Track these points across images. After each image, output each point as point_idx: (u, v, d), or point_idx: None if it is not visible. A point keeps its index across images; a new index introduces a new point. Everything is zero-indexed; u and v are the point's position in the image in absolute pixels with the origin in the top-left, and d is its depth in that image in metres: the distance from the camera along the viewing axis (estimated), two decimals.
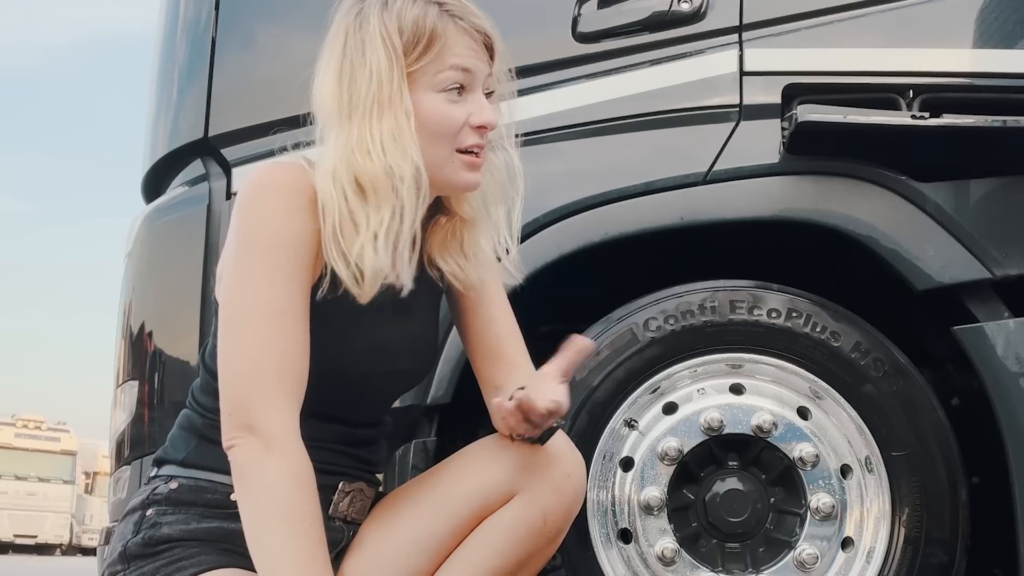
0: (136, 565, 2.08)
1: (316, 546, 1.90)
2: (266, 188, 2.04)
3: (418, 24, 2.07)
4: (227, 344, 2.01)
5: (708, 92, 3.04)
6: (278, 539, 1.89)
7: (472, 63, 2.09)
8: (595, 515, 2.84)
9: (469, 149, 2.10)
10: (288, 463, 1.92)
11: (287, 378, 1.97)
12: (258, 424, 1.93)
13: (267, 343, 1.97)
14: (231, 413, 1.96)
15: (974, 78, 3.06)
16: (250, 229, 2.03)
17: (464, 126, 2.09)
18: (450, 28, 2.08)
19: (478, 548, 2.20)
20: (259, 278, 2.00)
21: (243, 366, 1.97)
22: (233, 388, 1.97)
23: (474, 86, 2.10)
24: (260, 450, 1.92)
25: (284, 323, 1.98)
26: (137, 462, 3.05)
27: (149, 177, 3.50)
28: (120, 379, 3.23)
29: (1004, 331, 2.86)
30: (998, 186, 2.98)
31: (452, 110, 2.08)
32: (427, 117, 2.07)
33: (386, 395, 2.35)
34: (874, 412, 2.85)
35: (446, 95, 2.08)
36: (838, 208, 2.95)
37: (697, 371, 2.90)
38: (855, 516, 2.85)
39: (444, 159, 2.09)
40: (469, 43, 2.09)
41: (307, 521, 1.91)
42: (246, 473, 1.94)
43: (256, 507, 1.92)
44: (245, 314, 1.99)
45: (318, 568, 1.89)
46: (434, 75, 2.07)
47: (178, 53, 3.35)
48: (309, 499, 1.93)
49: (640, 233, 2.97)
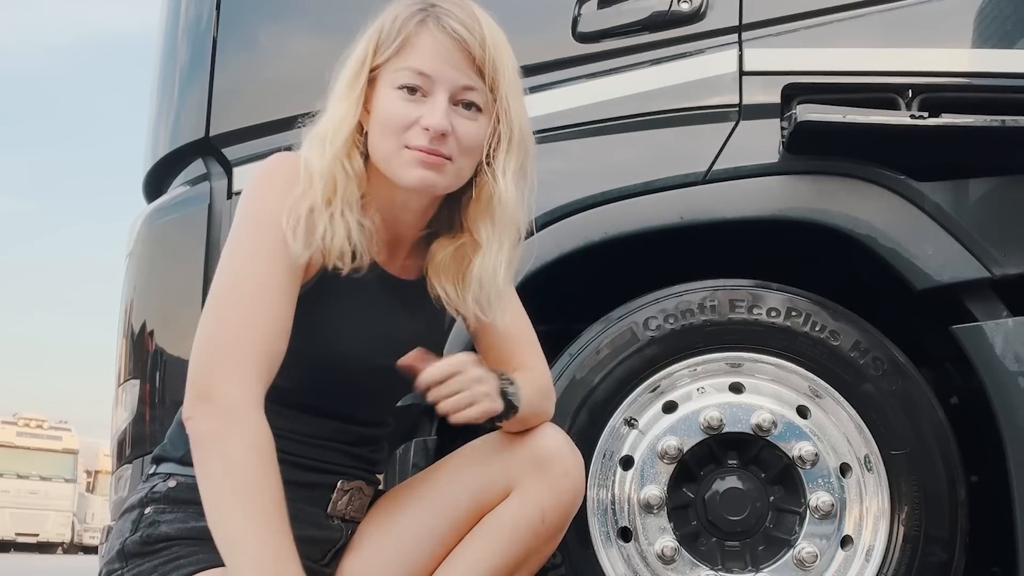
0: (134, 563, 2.09)
1: (275, 518, 1.86)
2: (266, 172, 2.10)
3: (395, 22, 2.10)
4: (206, 316, 2.01)
5: (708, 92, 3.05)
6: (236, 510, 1.86)
7: (433, 68, 2.07)
8: (595, 513, 2.84)
9: (418, 147, 2.08)
10: (247, 434, 1.89)
11: (257, 353, 1.95)
12: (218, 393, 1.91)
13: (242, 316, 1.97)
14: (194, 381, 1.95)
15: (973, 78, 3.07)
16: (245, 208, 2.08)
17: (414, 125, 2.07)
18: (423, 30, 2.08)
19: (477, 546, 2.22)
20: (245, 253, 2.03)
21: (214, 335, 1.97)
22: (200, 357, 1.96)
23: (434, 91, 2.07)
24: (217, 420, 1.90)
25: (264, 298, 1.99)
26: (138, 460, 3.05)
27: (150, 176, 3.50)
28: (121, 378, 3.24)
29: (1003, 330, 2.87)
30: (997, 185, 2.99)
31: (403, 107, 2.08)
32: (379, 110, 2.09)
33: (388, 392, 2.35)
34: (873, 411, 2.85)
35: (400, 93, 2.08)
36: (837, 207, 2.96)
37: (697, 370, 2.91)
38: (854, 514, 2.85)
39: (392, 153, 2.09)
40: (438, 48, 2.07)
41: (266, 492, 1.87)
42: (204, 444, 1.91)
43: (213, 478, 1.90)
44: (227, 287, 2.01)
45: (278, 541, 1.85)
46: (393, 72, 2.08)
47: (179, 53, 3.36)
48: (269, 470, 1.89)
49: (640, 232, 2.98)
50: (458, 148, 2.09)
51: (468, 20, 2.09)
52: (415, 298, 2.27)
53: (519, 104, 2.17)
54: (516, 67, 2.17)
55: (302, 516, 2.00)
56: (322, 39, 3.24)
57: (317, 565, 2.19)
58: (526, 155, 2.20)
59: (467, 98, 2.10)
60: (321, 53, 2.23)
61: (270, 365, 1.98)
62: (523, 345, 2.38)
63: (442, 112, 2.06)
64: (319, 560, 2.21)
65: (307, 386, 2.07)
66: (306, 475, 2.14)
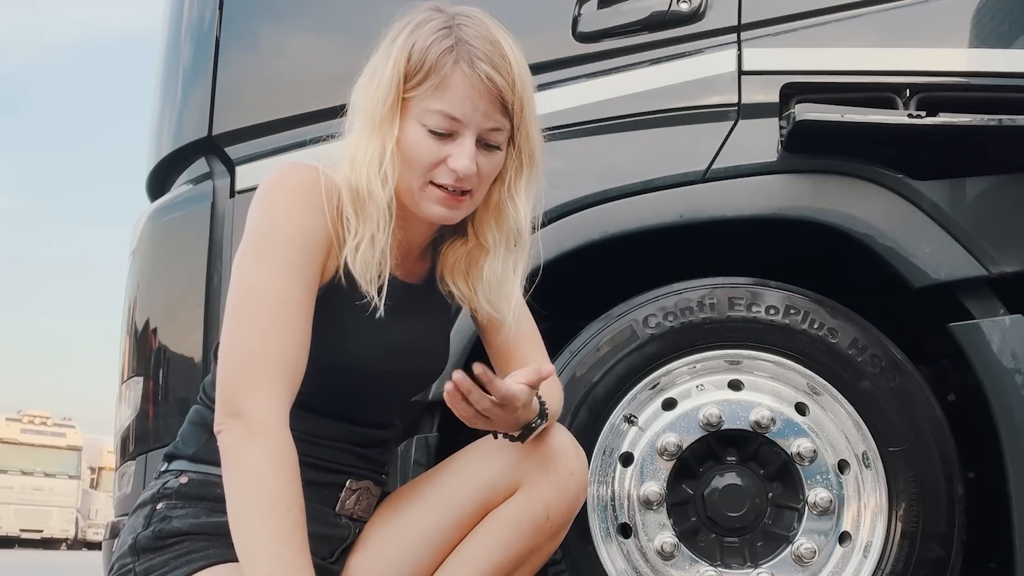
0: (146, 558, 2.11)
1: (292, 531, 1.92)
2: (283, 185, 2.09)
3: (426, 55, 2.07)
4: (228, 332, 2.05)
5: (707, 91, 3.06)
6: (256, 522, 1.92)
7: (463, 112, 2.07)
8: (595, 510, 2.86)
9: (443, 186, 2.10)
10: (270, 449, 1.95)
11: (281, 368, 2.00)
12: (245, 410, 1.96)
13: (265, 333, 2.00)
14: (223, 399, 2.00)
15: (970, 77, 3.08)
16: (262, 222, 2.08)
17: (441, 164, 2.09)
18: (455, 71, 2.07)
19: (482, 542, 2.24)
20: (266, 269, 2.04)
21: (239, 354, 2.01)
22: (227, 375, 2.01)
23: (463, 133, 2.08)
24: (244, 435, 1.95)
25: (285, 315, 2.02)
26: (142, 457, 3.07)
27: (154, 175, 3.52)
28: (125, 375, 3.25)
29: (1000, 328, 2.88)
30: (994, 184, 3.00)
31: (432, 146, 2.09)
32: (408, 145, 2.09)
33: (396, 396, 2.38)
34: (871, 408, 2.86)
35: (430, 132, 2.09)
36: (835, 206, 2.97)
37: (696, 367, 2.92)
38: (852, 511, 2.86)
39: (417, 187, 2.12)
40: (468, 92, 2.06)
41: (284, 506, 1.92)
42: (230, 457, 1.97)
43: (237, 490, 1.95)
44: (248, 304, 2.03)
45: (292, 553, 1.90)
46: (423, 110, 2.08)
47: (182, 53, 3.37)
48: (289, 485, 1.95)
49: (640, 230, 3.00)
50: (478, 181, 2.13)
51: (498, 60, 2.08)
52: (422, 302, 2.31)
53: (535, 126, 2.20)
54: (534, 93, 2.18)
55: (312, 514, 2.02)
56: (324, 39, 3.26)
57: (325, 562, 2.22)
58: (534, 169, 2.22)
59: (493, 140, 2.12)
60: (323, 53, 2.24)
61: (295, 380, 2.03)
62: (529, 344, 2.41)
63: (470, 156, 2.07)
64: (327, 558, 2.23)
65: (318, 389, 2.09)
66: (316, 474, 2.16)
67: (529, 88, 2.14)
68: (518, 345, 2.38)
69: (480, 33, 2.10)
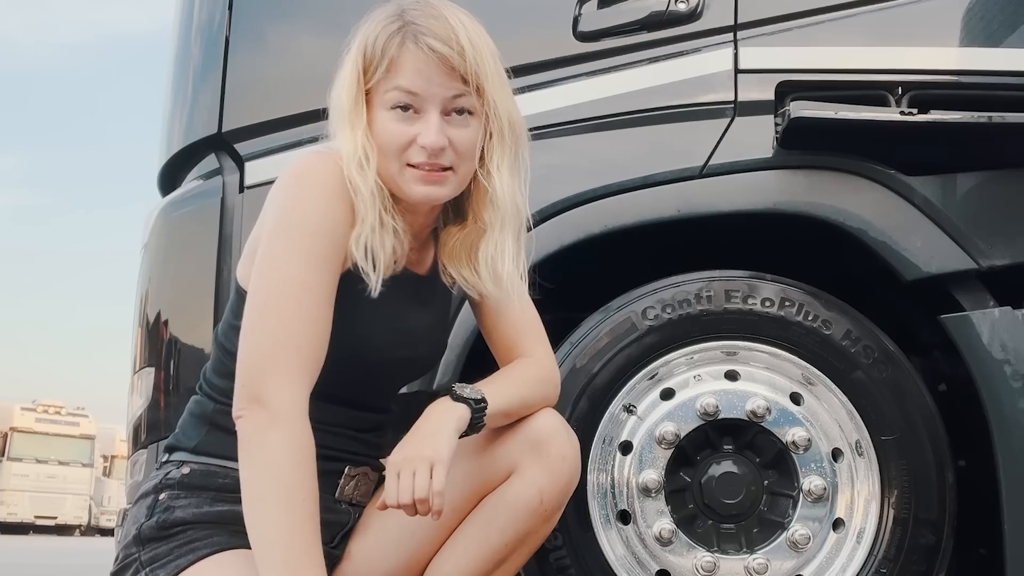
0: (150, 547, 2.15)
1: (305, 521, 1.95)
2: (311, 174, 2.13)
3: (377, 43, 2.14)
4: (252, 318, 2.08)
5: (704, 89, 3.09)
6: (272, 510, 1.95)
7: (419, 85, 2.13)
8: (595, 497, 2.89)
9: (419, 165, 2.15)
10: (291, 438, 1.98)
11: (304, 357, 2.03)
12: (268, 397, 1.99)
13: (291, 321, 2.03)
14: (244, 384, 2.03)
15: (960, 76, 3.11)
16: (292, 211, 2.12)
17: (411, 144, 2.14)
18: (403, 51, 2.13)
19: (477, 527, 2.28)
20: (294, 259, 2.07)
21: (264, 341, 2.04)
22: (250, 361, 2.04)
23: (426, 109, 2.14)
24: (265, 422, 1.98)
25: (310, 304, 2.05)
26: (153, 446, 3.11)
27: (165, 171, 3.56)
28: (137, 366, 3.29)
29: (989, 319, 2.91)
30: (984, 180, 3.02)
31: (399, 128, 2.14)
32: (378, 133, 2.15)
33: (397, 381, 2.43)
34: (864, 398, 2.89)
35: (394, 113, 2.14)
36: (829, 201, 3.00)
37: (693, 358, 2.96)
38: (846, 498, 2.89)
39: (395, 172, 2.17)
40: (418, 65, 2.12)
41: (301, 496, 1.96)
42: (250, 443, 2.00)
43: (254, 476, 1.98)
44: (276, 292, 2.06)
45: (304, 542, 1.94)
46: (383, 93, 2.14)
47: (193, 52, 3.41)
48: (307, 475, 1.99)
49: (639, 225, 3.03)
50: (456, 156, 2.16)
51: (444, 33, 2.13)
52: (427, 292, 2.35)
53: (505, 97, 2.23)
54: (498, 62, 2.21)
55: None
56: (331, 37, 3.29)
57: (327, 548, 2.22)
58: (517, 143, 2.26)
59: (458, 105, 2.16)
60: (331, 51, 2.28)
61: (316, 370, 2.06)
62: (530, 335, 2.44)
63: (436, 128, 2.12)
64: (328, 543, 2.25)
65: (326, 375, 2.11)
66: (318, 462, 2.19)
67: (485, 56, 2.17)
68: (520, 336, 2.42)
69: (427, 13, 2.16)
